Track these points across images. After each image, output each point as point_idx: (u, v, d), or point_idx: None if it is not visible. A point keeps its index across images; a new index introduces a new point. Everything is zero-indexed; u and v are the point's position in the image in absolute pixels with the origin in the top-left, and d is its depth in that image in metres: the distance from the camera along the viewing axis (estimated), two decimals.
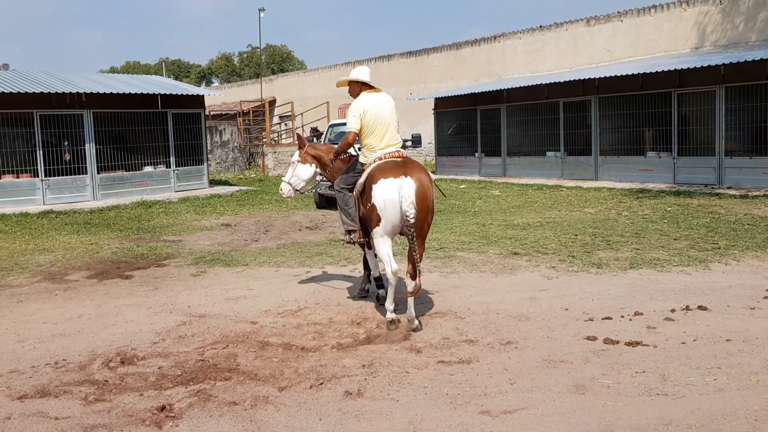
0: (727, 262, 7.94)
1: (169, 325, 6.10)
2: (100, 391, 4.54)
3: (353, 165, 6.42)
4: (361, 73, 6.28)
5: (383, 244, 5.82)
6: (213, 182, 20.81)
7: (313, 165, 6.86)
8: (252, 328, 5.88)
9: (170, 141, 18.55)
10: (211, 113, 32.71)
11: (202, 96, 20.05)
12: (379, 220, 5.75)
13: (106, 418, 4.12)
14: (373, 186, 5.76)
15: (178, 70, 71.44)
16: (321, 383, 4.54)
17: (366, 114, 6.06)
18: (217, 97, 28.68)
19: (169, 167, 18.71)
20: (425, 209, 5.70)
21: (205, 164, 19.69)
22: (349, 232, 6.44)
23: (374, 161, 6.02)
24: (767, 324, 5.55)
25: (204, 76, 72.39)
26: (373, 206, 5.76)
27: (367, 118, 6.06)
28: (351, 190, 6.33)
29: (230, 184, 21.29)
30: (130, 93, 17.10)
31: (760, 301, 6.25)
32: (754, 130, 15.31)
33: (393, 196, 5.62)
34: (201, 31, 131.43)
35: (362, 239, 6.44)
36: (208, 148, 22.58)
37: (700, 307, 6.03)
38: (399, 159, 5.95)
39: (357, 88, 6.31)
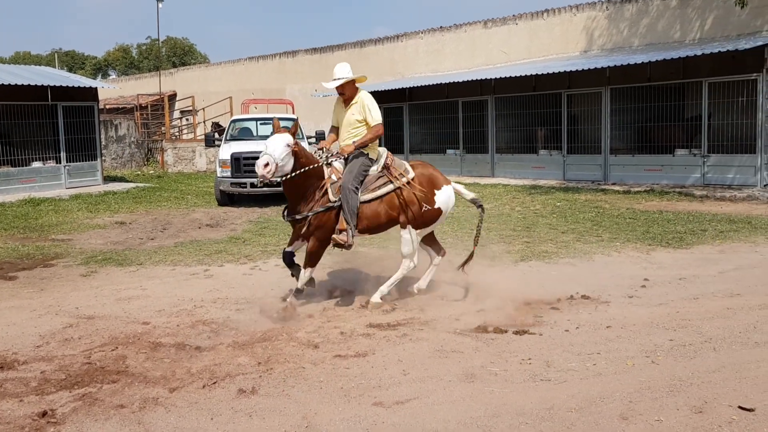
0: (610, 253, 8.44)
1: (55, 327, 5.83)
2: None
3: (357, 163, 6.23)
4: (350, 70, 6.34)
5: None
6: (107, 179, 19.99)
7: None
8: (144, 329, 5.71)
9: (60, 135, 17.67)
10: (107, 107, 31.27)
11: (96, 88, 19.21)
12: (435, 221, 6.42)
13: None
14: (437, 191, 6.35)
15: (72, 61, 67.93)
16: (214, 382, 4.49)
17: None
18: (113, 90, 27.45)
19: (60, 163, 17.79)
20: None
21: (98, 160, 18.87)
22: (342, 232, 6.08)
23: (389, 159, 6.40)
24: (643, 311, 5.94)
25: (100, 69, 69.14)
26: (439, 209, 6.35)
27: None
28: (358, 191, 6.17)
29: (126, 181, 20.51)
30: (16, 84, 16.14)
31: (638, 290, 6.69)
32: (637, 129, 16.36)
33: (452, 201, 6.54)
34: (97, 21, 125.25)
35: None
36: (103, 143, 21.63)
37: (583, 297, 6.39)
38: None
39: (353, 85, 6.41)
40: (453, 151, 20.10)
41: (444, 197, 6.39)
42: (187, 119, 33.37)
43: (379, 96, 21.53)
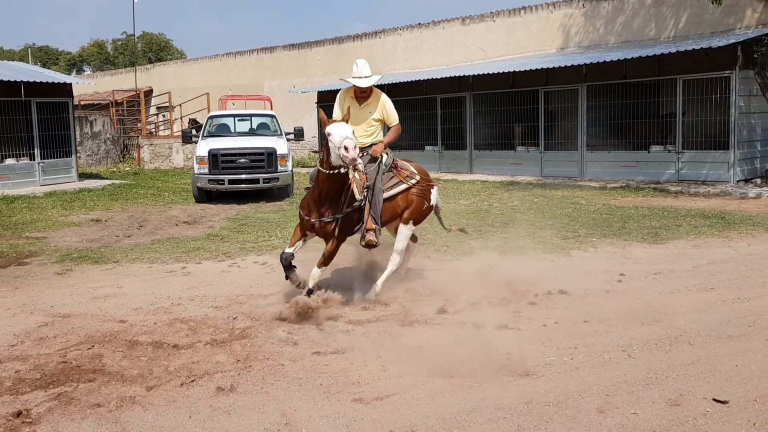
0: (586, 249, 8.52)
1: (29, 326, 5.74)
2: None
3: (380, 162, 6.31)
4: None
5: None
6: (83, 176, 19.73)
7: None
8: (120, 327, 5.65)
9: (34, 132, 17.40)
10: (82, 103, 30.84)
11: (70, 84, 18.92)
12: (426, 218, 6.75)
13: None
14: (432, 190, 6.72)
15: (46, 57, 66.82)
16: (192, 380, 4.45)
17: None
18: (87, 85, 27.11)
19: (33, 160, 17.53)
20: None
21: (73, 156, 18.62)
22: (370, 231, 6.13)
23: (395, 159, 6.53)
24: (620, 306, 5.99)
25: (75, 64, 68.13)
26: (431, 207, 6.71)
27: None
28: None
29: (102, 178, 20.25)
30: None
31: (614, 284, 6.75)
32: (613, 126, 16.52)
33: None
34: (71, 16, 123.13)
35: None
36: (78, 139, 21.35)
37: (560, 292, 6.42)
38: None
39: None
40: (431, 147, 20.16)
41: (435, 195, 6.83)
42: (163, 115, 33.04)
43: None
